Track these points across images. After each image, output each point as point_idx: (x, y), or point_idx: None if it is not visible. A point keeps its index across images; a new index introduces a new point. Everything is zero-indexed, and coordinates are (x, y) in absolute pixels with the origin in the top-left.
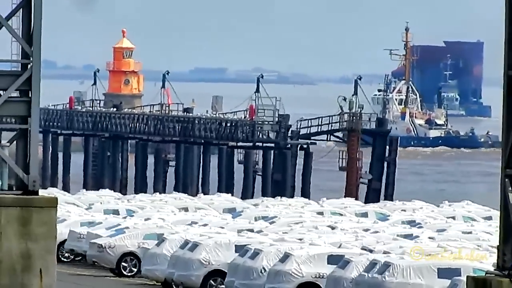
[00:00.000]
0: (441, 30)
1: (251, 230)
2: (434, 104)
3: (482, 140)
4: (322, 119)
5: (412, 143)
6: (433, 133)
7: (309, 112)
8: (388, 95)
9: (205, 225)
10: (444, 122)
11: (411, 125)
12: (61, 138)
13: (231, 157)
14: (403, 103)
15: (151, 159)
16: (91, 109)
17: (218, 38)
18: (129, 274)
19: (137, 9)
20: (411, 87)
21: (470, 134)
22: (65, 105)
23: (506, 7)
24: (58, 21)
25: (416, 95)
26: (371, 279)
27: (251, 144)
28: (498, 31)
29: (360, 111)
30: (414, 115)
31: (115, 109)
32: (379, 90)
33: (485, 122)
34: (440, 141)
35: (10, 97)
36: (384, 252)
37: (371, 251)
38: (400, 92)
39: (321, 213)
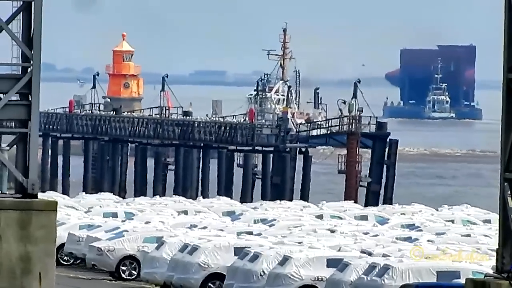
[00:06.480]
0: (435, 34)
1: (250, 233)
2: (425, 107)
3: None
4: (321, 122)
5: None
6: (315, 133)
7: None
8: (266, 95)
9: (204, 228)
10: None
11: (293, 124)
12: (60, 142)
13: (230, 160)
14: (283, 103)
15: (150, 163)
16: (90, 112)
17: (218, 41)
18: (128, 277)
19: (136, 12)
20: (289, 88)
21: None
22: (64, 108)
23: (505, 9)
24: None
25: (292, 95)
26: (370, 282)
27: (250, 147)
28: (490, 35)
29: (360, 114)
30: (294, 115)
31: (114, 112)
32: (255, 90)
33: (476, 125)
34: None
35: (10, 100)
36: (383, 255)
37: (370, 254)
38: (278, 92)
39: (320, 216)
